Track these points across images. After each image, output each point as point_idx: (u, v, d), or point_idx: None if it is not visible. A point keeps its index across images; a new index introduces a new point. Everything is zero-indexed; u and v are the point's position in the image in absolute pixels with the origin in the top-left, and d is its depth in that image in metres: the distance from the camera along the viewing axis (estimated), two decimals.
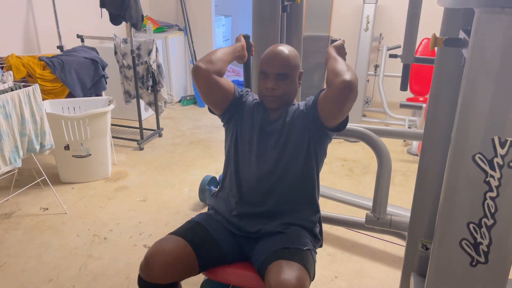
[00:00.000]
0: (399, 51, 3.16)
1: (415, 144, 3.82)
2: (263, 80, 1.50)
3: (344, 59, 1.48)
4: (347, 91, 1.30)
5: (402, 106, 3.65)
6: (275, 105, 1.51)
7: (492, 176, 0.79)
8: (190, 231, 1.47)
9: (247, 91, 1.66)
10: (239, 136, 1.55)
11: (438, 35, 1.12)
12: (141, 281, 1.38)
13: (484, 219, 0.82)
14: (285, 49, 1.50)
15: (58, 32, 3.72)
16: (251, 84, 1.95)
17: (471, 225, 0.83)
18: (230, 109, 1.56)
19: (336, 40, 1.58)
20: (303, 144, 1.49)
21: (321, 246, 1.60)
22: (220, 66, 1.50)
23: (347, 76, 1.31)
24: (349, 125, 1.92)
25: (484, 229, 0.82)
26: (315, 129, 1.48)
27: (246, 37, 1.70)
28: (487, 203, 0.81)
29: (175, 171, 3.42)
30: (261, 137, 1.51)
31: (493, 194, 0.80)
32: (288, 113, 1.52)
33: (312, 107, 1.48)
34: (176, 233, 1.45)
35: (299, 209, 1.51)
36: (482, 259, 0.84)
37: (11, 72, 2.82)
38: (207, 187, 2.81)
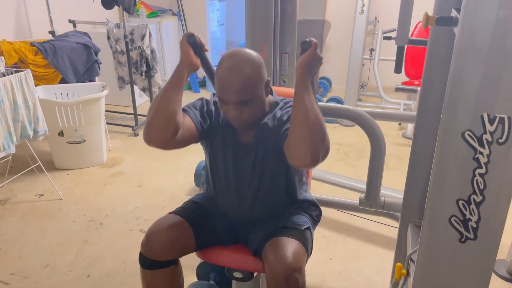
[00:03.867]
0: (394, 34, 3.14)
1: (410, 128, 3.83)
2: (223, 105, 1.33)
3: (316, 71, 1.24)
4: (314, 165, 1.18)
5: (398, 89, 3.65)
6: (243, 127, 1.38)
7: (481, 153, 0.80)
8: (188, 210, 1.50)
9: (210, 108, 1.44)
10: (213, 163, 1.47)
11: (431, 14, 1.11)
12: (142, 257, 1.42)
13: (473, 196, 0.83)
14: (241, 68, 1.25)
15: (50, 17, 3.67)
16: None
17: (460, 202, 0.84)
18: (200, 140, 1.44)
19: (306, 44, 1.22)
20: (281, 165, 1.40)
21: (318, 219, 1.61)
22: (171, 128, 1.25)
23: (309, 157, 1.13)
24: (342, 106, 1.90)
25: (473, 206, 0.83)
26: None
27: (190, 40, 1.32)
28: (476, 180, 0.81)
29: (170, 157, 3.42)
30: (236, 168, 1.43)
31: (482, 171, 0.80)
32: (260, 134, 1.39)
33: (281, 138, 1.31)
34: (176, 212, 1.48)
35: (287, 213, 1.49)
36: (471, 235, 0.85)
37: (2, 58, 2.79)
38: (202, 172, 2.81)
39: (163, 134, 1.25)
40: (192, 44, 1.32)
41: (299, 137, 1.14)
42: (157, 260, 1.39)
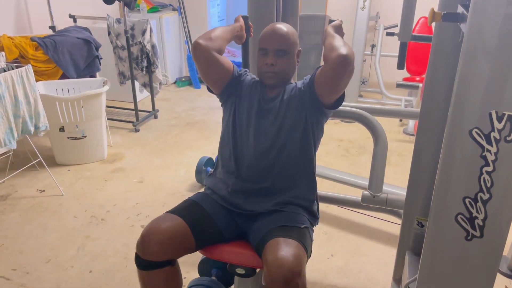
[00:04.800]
0: (396, 30, 3.13)
1: (411, 124, 3.83)
2: (262, 57, 1.52)
3: (341, 34, 1.51)
4: (343, 65, 1.32)
5: (399, 86, 3.64)
6: (274, 81, 1.52)
7: (488, 151, 0.79)
8: (186, 210, 1.48)
9: (246, 71, 1.66)
10: (237, 115, 1.56)
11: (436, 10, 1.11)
12: (138, 258, 1.40)
13: (480, 194, 0.82)
14: (283, 26, 1.52)
15: (50, 12, 3.65)
16: (249, 65, 1.93)
17: (467, 200, 0.84)
18: (228, 87, 1.57)
19: (334, 20, 1.59)
20: (300, 121, 1.49)
21: (317, 224, 1.61)
22: (220, 43, 1.51)
23: (343, 50, 1.33)
24: (344, 106, 1.90)
25: (479, 204, 0.83)
26: (312, 107, 1.49)
27: (245, 18, 1.70)
28: (483, 178, 0.81)
29: (171, 152, 3.42)
30: (258, 115, 1.52)
31: (489, 169, 0.80)
32: (286, 91, 1.53)
33: (309, 85, 1.49)
34: (172, 211, 1.46)
35: (297, 186, 1.52)
36: (478, 233, 0.85)
37: (3, 53, 2.78)
38: (203, 168, 2.81)
39: (210, 43, 1.47)
40: (245, 21, 1.68)
41: (333, 43, 1.39)
42: (152, 261, 1.37)
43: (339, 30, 1.54)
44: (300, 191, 1.52)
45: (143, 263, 1.39)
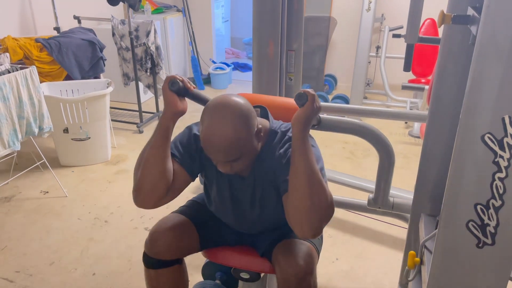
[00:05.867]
0: (401, 32, 3.11)
1: (417, 126, 3.80)
2: (212, 160, 1.22)
3: (314, 121, 1.16)
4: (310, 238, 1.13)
5: (404, 87, 3.62)
6: (237, 173, 1.29)
7: (501, 157, 0.77)
8: (192, 209, 1.49)
9: (198, 145, 1.29)
10: (209, 192, 1.41)
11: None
12: (146, 257, 1.41)
13: (492, 200, 0.80)
14: (225, 130, 1.12)
15: (55, 13, 3.65)
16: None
17: (478, 207, 0.82)
18: (194, 179, 1.35)
19: (302, 98, 1.10)
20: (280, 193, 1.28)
21: None
22: (161, 188, 1.20)
23: (310, 232, 1.09)
24: (344, 119, 1.75)
25: (491, 211, 0.81)
26: None
27: (173, 88, 1.21)
28: (496, 184, 0.79)
29: None
30: (234, 201, 1.36)
31: (502, 175, 0.78)
32: (258, 168, 1.29)
33: (280, 187, 1.22)
34: (179, 211, 1.48)
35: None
36: (489, 241, 0.83)
37: (7, 54, 2.78)
38: None
39: (153, 197, 1.20)
40: (176, 92, 1.22)
41: (299, 208, 1.08)
42: (161, 259, 1.38)
43: (310, 119, 1.11)
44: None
45: (151, 261, 1.39)
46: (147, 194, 1.19)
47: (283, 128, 1.31)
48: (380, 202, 1.84)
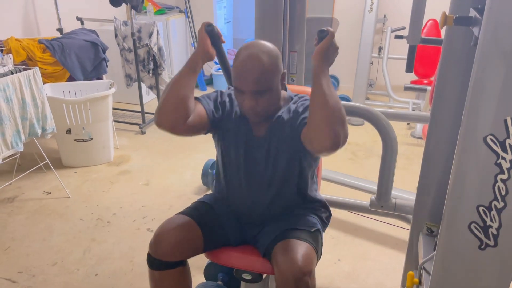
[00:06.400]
0: (403, 33, 3.11)
1: (419, 127, 3.79)
2: (239, 95, 1.32)
3: (332, 61, 1.23)
4: (333, 151, 1.15)
5: (407, 89, 3.61)
6: (258, 119, 1.36)
7: (503, 158, 0.77)
8: (196, 210, 1.48)
9: (224, 101, 1.43)
10: (225, 156, 1.45)
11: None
12: (150, 258, 1.41)
13: (494, 202, 0.80)
14: (258, 57, 1.25)
15: (58, 15, 3.67)
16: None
17: (480, 208, 0.82)
18: (211, 129, 1.42)
19: (323, 32, 1.22)
20: (294, 161, 1.38)
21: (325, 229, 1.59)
22: (181, 112, 1.27)
23: (330, 141, 1.12)
24: (356, 104, 1.85)
25: (494, 212, 0.81)
26: (305, 150, 1.29)
27: (208, 28, 1.34)
28: (498, 186, 0.79)
29: (178, 155, 3.41)
30: (248, 161, 1.40)
31: (504, 177, 0.78)
32: (275, 127, 1.37)
33: (298, 129, 1.30)
34: (184, 212, 1.47)
35: (300, 213, 1.48)
36: (491, 242, 0.83)
37: (11, 55, 2.79)
38: (209, 171, 2.80)
39: (173, 117, 1.27)
40: (210, 33, 1.35)
41: (320, 120, 1.14)
42: (165, 261, 1.38)
43: (330, 54, 1.21)
44: (302, 214, 1.48)
45: (156, 263, 1.40)
46: (167, 113, 1.27)
47: (299, 95, 1.43)
48: (382, 203, 1.84)
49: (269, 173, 1.40)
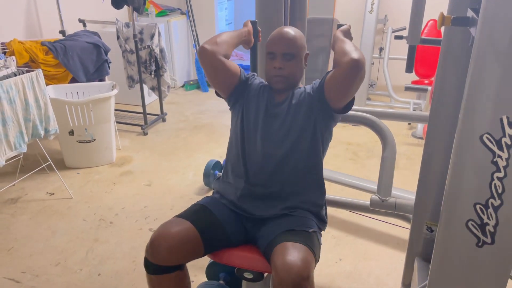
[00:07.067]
0: (404, 33, 3.12)
1: (420, 128, 3.80)
2: (270, 60, 1.52)
3: (351, 39, 1.53)
4: (355, 70, 1.32)
5: (407, 89, 3.62)
6: (282, 85, 1.52)
7: (500, 157, 0.78)
8: (195, 214, 1.47)
9: (253, 74, 1.68)
10: (244, 119, 1.56)
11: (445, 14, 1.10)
12: (147, 262, 1.40)
13: (491, 200, 0.81)
14: (291, 30, 1.53)
15: (60, 17, 3.69)
16: (258, 69, 1.94)
17: (477, 206, 0.83)
18: (236, 91, 1.58)
19: (342, 25, 1.61)
20: (309, 126, 1.49)
21: (325, 228, 1.60)
22: (226, 48, 1.53)
23: (355, 55, 1.33)
24: (352, 110, 1.87)
25: (491, 210, 0.82)
26: (321, 111, 1.49)
27: (254, 23, 1.72)
28: (494, 184, 0.80)
29: (179, 155, 3.43)
30: (266, 119, 1.52)
31: (501, 175, 0.79)
32: (294, 95, 1.53)
33: (318, 89, 1.49)
34: (181, 215, 1.46)
35: (306, 190, 1.51)
36: (489, 240, 0.84)
37: (13, 57, 2.81)
38: (211, 172, 2.81)
39: (216, 48, 1.49)
40: (254, 25, 1.71)
41: (344, 46, 1.41)
42: (162, 265, 1.37)
43: (347, 34, 1.56)
44: (309, 196, 1.52)
45: (152, 267, 1.39)
46: (215, 43, 1.51)
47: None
48: (383, 198, 1.85)
49: (284, 131, 1.49)
